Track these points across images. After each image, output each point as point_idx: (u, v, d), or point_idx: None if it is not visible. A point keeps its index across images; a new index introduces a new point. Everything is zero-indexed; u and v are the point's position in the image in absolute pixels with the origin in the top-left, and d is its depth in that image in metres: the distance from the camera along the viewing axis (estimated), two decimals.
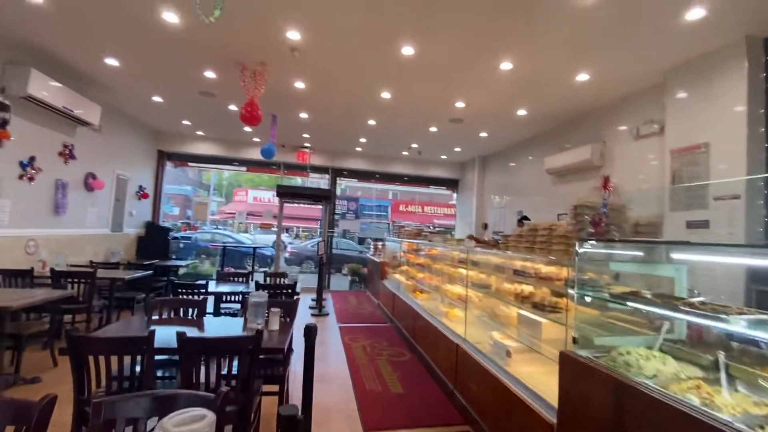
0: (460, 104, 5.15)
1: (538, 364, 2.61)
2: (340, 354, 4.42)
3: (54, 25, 3.65)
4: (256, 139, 8.03)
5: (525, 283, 2.98)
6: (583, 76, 4.10)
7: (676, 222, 3.56)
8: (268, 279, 4.84)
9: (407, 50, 3.71)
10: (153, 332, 1.89)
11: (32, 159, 4.49)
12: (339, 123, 6.43)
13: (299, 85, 4.78)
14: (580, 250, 1.89)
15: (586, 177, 5.28)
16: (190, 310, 2.92)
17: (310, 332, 2.08)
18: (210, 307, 4.19)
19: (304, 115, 6.06)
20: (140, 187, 7.31)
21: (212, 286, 4.24)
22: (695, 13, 2.92)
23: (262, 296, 2.57)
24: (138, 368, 1.91)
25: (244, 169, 9.56)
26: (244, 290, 4.08)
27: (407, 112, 5.64)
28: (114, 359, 1.93)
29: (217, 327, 2.66)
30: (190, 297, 3.69)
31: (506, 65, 3.91)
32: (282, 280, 4.78)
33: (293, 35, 3.54)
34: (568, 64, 3.85)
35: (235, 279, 4.77)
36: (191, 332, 2.43)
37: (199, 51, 3.98)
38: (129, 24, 3.52)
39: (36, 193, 4.62)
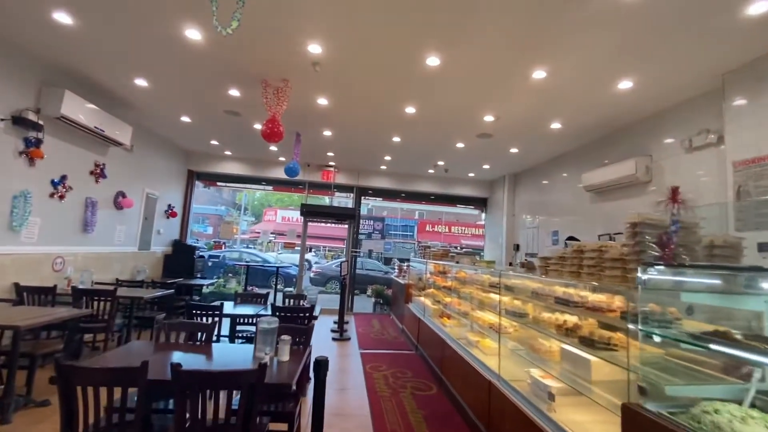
0: (488, 118, 4.90)
1: (589, 411, 2.21)
2: (361, 385, 4.10)
3: (85, 47, 3.75)
4: (281, 158, 8.06)
5: (568, 313, 2.61)
6: (625, 84, 3.76)
7: (744, 243, 3.08)
8: (287, 300, 4.65)
9: (432, 61, 3.53)
10: (146, 363, 1.69)
11: (64, 177, 4.59)
12: (363, 140, 6.31)
13: (322, 101, 4.70)
14: (644, 277, 1.56)
15: (631, 194, 4.83)
16: (199, 334, 2.74)
17: (320, 367, 1.82)
18: (226, 329, 4.05)
19: (327, 133, 5.99)
20: (169, 205, 7.43)
21: (229, 308, 4.09)
22: (759, 7, 2.57)
23: (272, 322, 2.35)
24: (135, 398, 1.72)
25: (270, 188, 9.64)
26: (261, 312, 3.89)
27: (433, 127, 5.44)
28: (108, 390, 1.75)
29: (225, 355, 2.45)
30: (204, 319, 3.54)
31: (539, 74, 3.64)
32: (301, 302, 4.57)
33: (314, 49, 3.45)
34: (609, 70, 3.54)
35: (255, 300, 4.61)
36: (196, 361, 2.24)
37: (223, 69, 3.98)
38: (155, 43, 3.55)
39: (66, 211, 4.71)
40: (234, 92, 4.58)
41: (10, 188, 3.89)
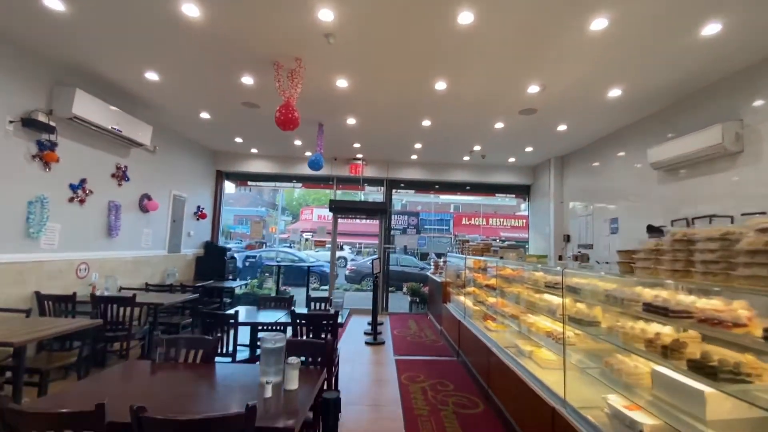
0: (533, 88, 4.21)
1: None
2: (395, 400, 3.62)
3: (85, 38, 3.52)
4: (307, 153, 7.72)
5: (658, 322, 1.97)
6: (712, 28, 2.97)
7: None
8: (312, 305, 4.26)
9: (465, 17, 2.94)
10: (102, 406, 1.30)
11: (83, 181, 4.46)
12: (390, 126, 5.79)
13: (341, 83, 4.23)
14: None
15: (716, 168, 3.97)
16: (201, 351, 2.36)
17: (328, 408, 1.38)
18: (247, 337, 3.71)
19: (351, 121, 5.53)
20: (198, 207, 7.32)
21: (251, 314, 3.76)
22: None
23: (277, 340, 1.91)
24: None
25: (300, 185, 9.38)
26: (282, 320, 3.51)
27: (467, 105, 4.82)
28: None
29: (225, 380, 2.04)
30: (216, 329, 3.21)
31: (599, 22, 2.95)
32: (326, 306, 4.16)
33: (325, 15, 2.97)
34: (690, 11, 2.78)
35: (279, 305, 4.25)
36: (185, 390, 1.84)
37: (230, 50, 3.61)
38: (155, 26, 3.24)
39: (87, 215, 4.59)
40: (247, 80, 4.22)
41: (24, 194, 3.76)
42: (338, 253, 18.93)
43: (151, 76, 4.26)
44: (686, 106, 4.38)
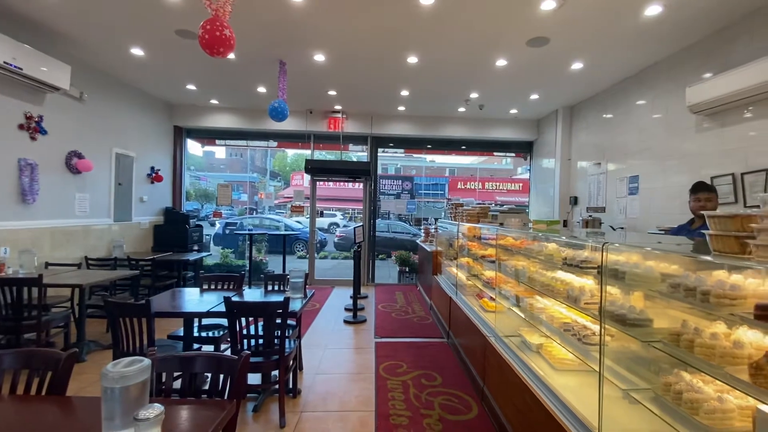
0: (547, 4, 3.20)
1: None
2: (369, 400, 2.91)
3: None
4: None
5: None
6: None
7: None
8: (269, 285, 3.45)
9: None
10: None
11: None
12: (369, 65, 4.75)
13: None
14: None
15: None
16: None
17: None
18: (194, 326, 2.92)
19: (320, 57, 4.48)
20: (152, 168, 6.35)
21: (194, 296, 2.97)
22: None
23: (129, 373, 1.09)
24: None
25: (275, 144, 8.36)
26: (231, 300, 2.69)
27: (463, 32, 3.79)
28: None
29: None
30: (129, 322, 2.40)
31: None
32: (283, 285, 3.36)
33: None
34: None
35: (227, 285, 3.45)
36: None
37: None
38: None
39: None
40: None
41: None
42: (330, 220, 18.22)
43: None
44: (738, 31, 3.42)
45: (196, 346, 2.94)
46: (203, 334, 3.09)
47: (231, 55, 4.45)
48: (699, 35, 3.73)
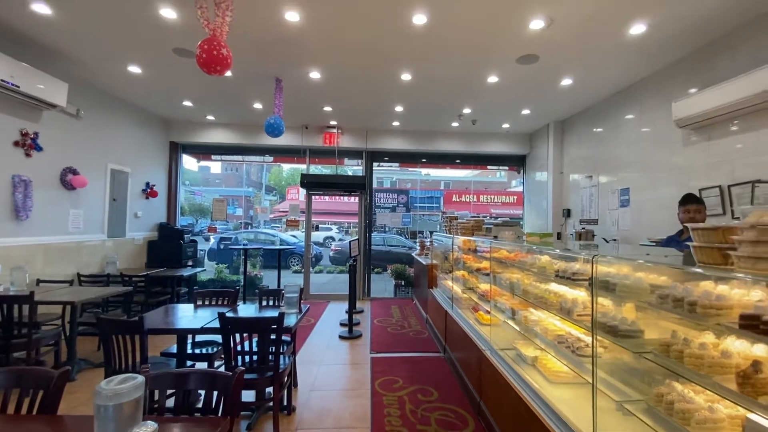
0: (537, 23, 3.31)
1: None
2: (364, 417, 2.87)
3: None
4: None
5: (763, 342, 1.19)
6: None
7: None
8: (263, 300, 3.44)
9: None
10: None
11: None
12: (364, 82, 4.84)
13: (291, 16, 3.27)
14: None
15: (764, 123, 3.17)
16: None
17: None
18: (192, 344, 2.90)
19: (315, 75, 4.56)
20: (147, 183, 6.36)
21: (188, 312, 2.95)
22: None
23: (119, 391, 1.09)
24: None
25: (271, 159, 8.42)
26: (226, 315, 2.67)
27: (454, 49, 3.89)
28: None
29: None
30: (121, 340, 2.38)
31: None
32: (278, 300, 3.35)
33: None
34: None
35: (221, 300, 3.43)
36: None
37: None
38: None
39: None
40: (168, 13, 3.24)
41: None
42: (326, 233, 18.18)
43: (40, 7, 3.23)
44: (722, 46, 3.53)
45: (189, 363, 2.91)
46: (197, 350, 3.05)
47: (228, 73, 4.52)
48: (683, 52, 3.86)
